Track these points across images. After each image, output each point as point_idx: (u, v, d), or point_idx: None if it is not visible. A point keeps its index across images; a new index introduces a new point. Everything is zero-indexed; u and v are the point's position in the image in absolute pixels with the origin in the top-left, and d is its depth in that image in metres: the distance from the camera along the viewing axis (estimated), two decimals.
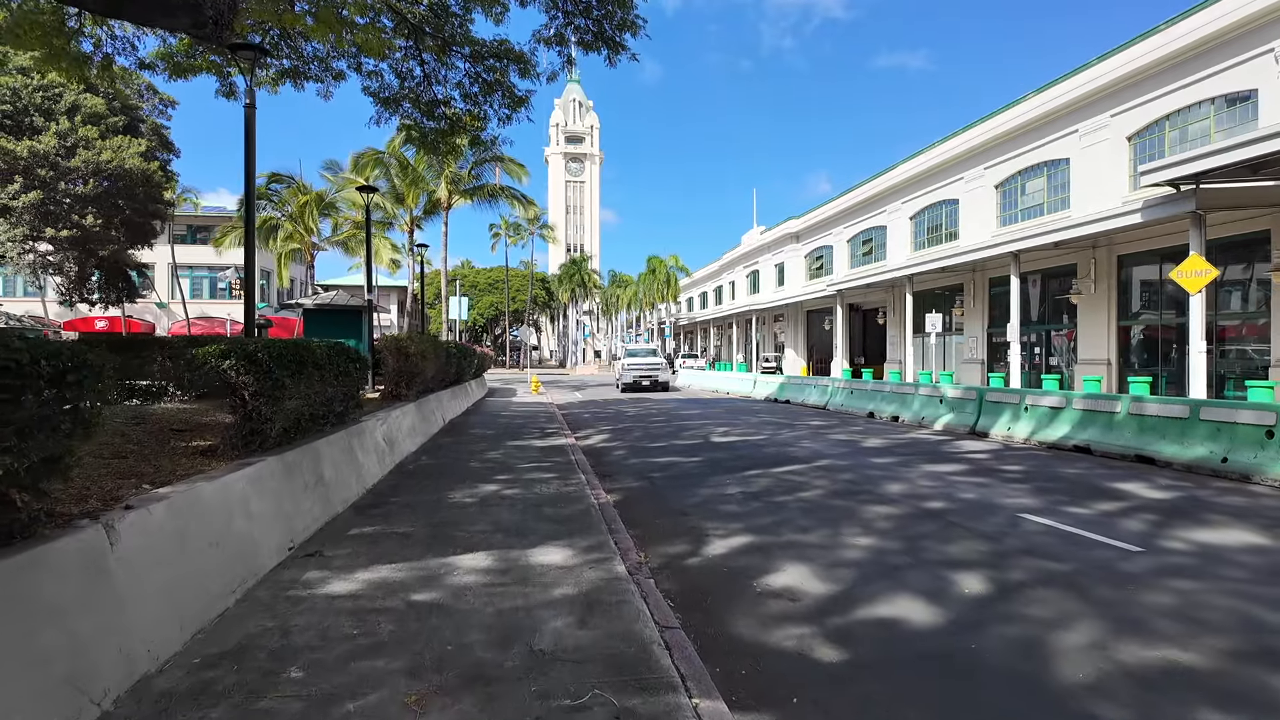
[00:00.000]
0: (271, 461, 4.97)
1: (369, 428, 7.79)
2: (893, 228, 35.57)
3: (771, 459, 9.45)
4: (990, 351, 28.80)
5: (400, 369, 11.08)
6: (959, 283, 30.06)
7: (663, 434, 12.89)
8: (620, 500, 7.09)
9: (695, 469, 8.87)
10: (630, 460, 9.76)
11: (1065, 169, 24.71)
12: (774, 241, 48.83)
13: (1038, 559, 4.79)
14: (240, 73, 14.39)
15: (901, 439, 11.60)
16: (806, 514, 6.21)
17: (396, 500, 6.61)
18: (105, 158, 23.75)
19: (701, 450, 10.53)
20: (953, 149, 30.26)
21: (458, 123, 15.86)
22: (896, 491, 7.09)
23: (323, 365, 5.93)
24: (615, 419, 16.46)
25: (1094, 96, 23.01)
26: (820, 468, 8.64)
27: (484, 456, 9.53)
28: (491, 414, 16.89)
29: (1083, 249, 23.16)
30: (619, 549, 5.04)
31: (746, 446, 10.82)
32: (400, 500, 6.61)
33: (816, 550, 5.08)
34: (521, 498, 6.78)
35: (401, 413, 9.86)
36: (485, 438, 11.76)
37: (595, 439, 12.45)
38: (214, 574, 3.79)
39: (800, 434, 12.44)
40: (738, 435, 12.34)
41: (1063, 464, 8.87)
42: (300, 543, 5.06)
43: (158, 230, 31.13)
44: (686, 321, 68.60)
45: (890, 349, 35.62)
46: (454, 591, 4.09)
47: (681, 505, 6.80)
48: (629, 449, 10.99)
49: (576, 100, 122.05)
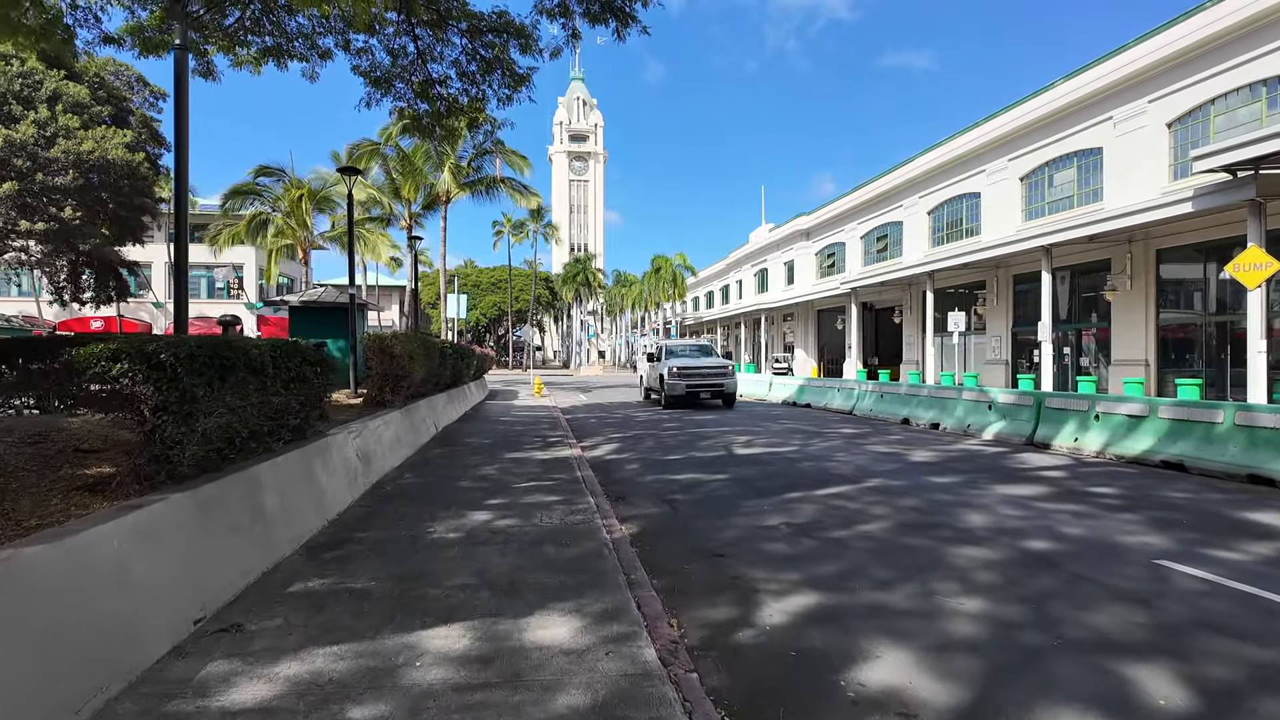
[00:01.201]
0: (177, 501, 3.69)
1: (336, 443, 6.50)
2: (909, 223, 34.21)
3: (811, 478, 8.13)
4: (1014, 351, 27.45)
5: (385, 372, 9.81)
6: (980, 280, 28.69)
7: (678, 443, 11.58)
8: (638, 533, 5.80)
9: (723, 490, 7.56)
10: (645, 477, 8.46)
11: (1098, 159, 23.34)
12: (783, 239, 47.49)
13: (1227, 638, 3.48)
14: (220, 50, 13.14)
15: (952, 451, 10.26)
16: (879, 558, 4.90)
17: (363, 537, 5.32)
18: (87, 148, 22.53)
19: (725, 465, 9.22)
20: (974, 140, 28.90)
21: (454, 104, 14.65)
22: (981, 525, 5.76)
23: (262, 370, 4.64)
24: (624, 425, 15.16)
25: (1130, 82, 21.63)
26: (873, 490, 7.32)
27: (477, 473, 8.24)
28: (490, 419, 15.61)
29: (1118, 243, 21.80)
30: (644, 616, 3.75)
31: (777, 460, 9.50)
32: (367, 537, 5.32)
33: (911, 619, 3.78)
34: (518, 532, 5.49)
35: (383, 422, 8.58)
36: (481, 449, 10.48)
37: (603, 449, 11.16)
38: (42, 685, 2.50)
39: (833, 444, 11.11)
40: (763, 445, 11.03)
41: (1161, 485, 7.51)
42: (217, 609, 3.77)
43: (148, 226, 29.88)
44: (693, 321, 67.24)
45: (906, 349, 34.26)
46: (411, 703, 2.80)
47: (715, 542, 5.49)
48: (642, 462, 9.69)
49: (580, 98, 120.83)
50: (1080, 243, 21.52)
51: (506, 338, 70.96)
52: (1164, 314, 21.01)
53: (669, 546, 5.39)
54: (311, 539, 5.25)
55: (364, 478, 7.10)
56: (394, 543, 5.17)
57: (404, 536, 5.35)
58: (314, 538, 5.29)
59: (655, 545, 5.42)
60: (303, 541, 5.13)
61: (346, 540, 5.23)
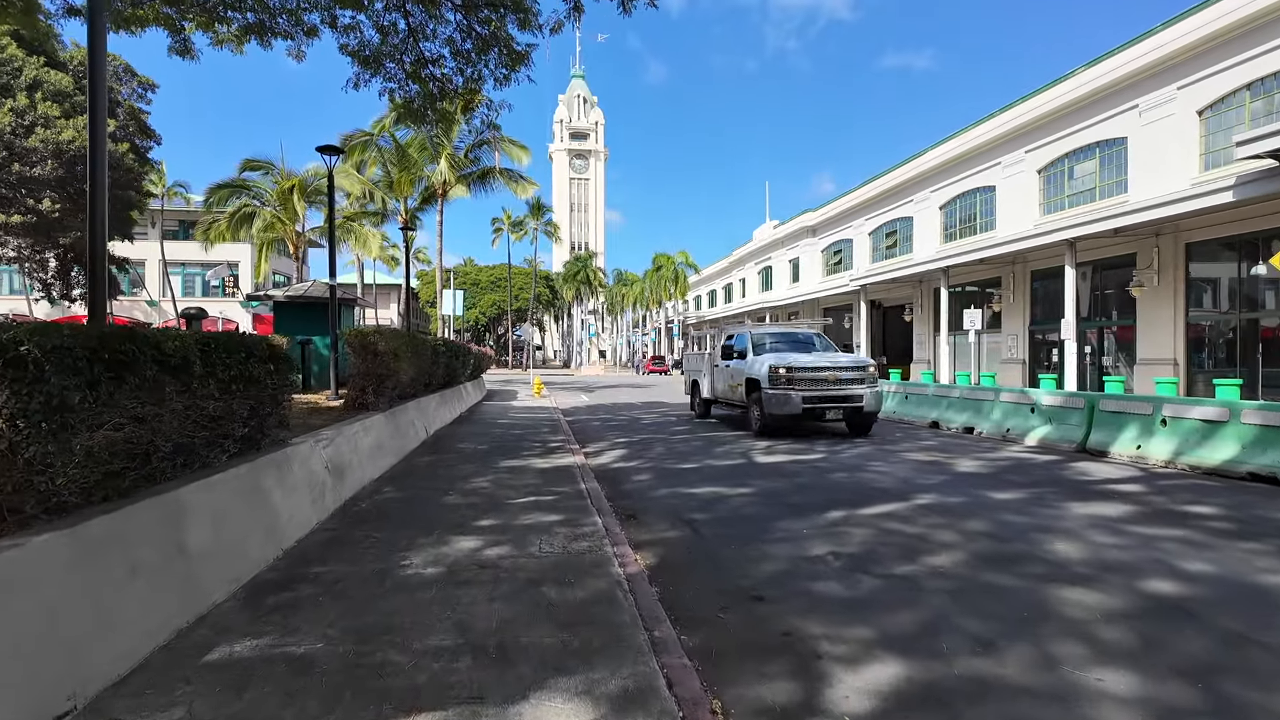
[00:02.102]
0: (41, 546, 2.69)
1: (299, 454, 5.51)
2: (920, 218, 33.22)
3: (850, 492, 7.11)
4: (1031, 350, 26.47)
5: (367, 371, 8.83)
6: (996, 276, 27.71)
7: (690, 450, 10.59)
8: (657, 566, 4.81)
9: (749, 507, 6.56)
10: (659, 490, 7.46)
11: (1122, 149, 22.34)
12: (788, 236, 46.52)
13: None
14: (198, 27, 12.18)
15: (999, 460, 9.21)
16: (964, 605, 3.89)
17: (321, 573, 4.33)
18: (67, 137, 21.53)
19: (747, 476, 8.22)
20: (989, 132, 27.91)
21: (448, 85, 13.70)
22: (1077, 558, 4.73)
23: (185, 368, 3.65)
24: (629, 428, 14.16)
25: (1158, 68, 20.64)
26: (928, 509, 6.30)
27: (467, 485, 7.25)
28: (487, 422, 14.63)
29: (1144, 237, 20.83)
30: (678, 700, 2.76)
31: (805, 470, 8.49)
32: (326, 573, 4.33)
33: (1041, 706, 2.78)
34: (510, 565, 4.50)
35: (362, 427, 7.59)
36: (474, 455, 9.49)
37: (609, 455, 10.17)
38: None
39: (863, 450, 10.09)
40: (786, 453, 10.01)
41: (1266, 503, 6.45)
42: (96, 693, 2.77)
43: (135, 221, 28.87)
44: (695, 320, 66.24)
45: (917, 348, 33.28)
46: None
47: (751, 578, 4.50)
48: (653, 471, 8.70)
49: (581, 96, 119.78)
50: (1105, 236, 20.54)
51: (506, 337, 69.96)
52: (1193, 311, 20.03)
53: (696, 585, 4.40)
54: (258, 576, 4.26)
55: (335, 493, 6.11)
56: (358, 581, 4.18)
57: (371, 572, 4.36)
58: (261, 574, 4.30)
59: (679, 583, 4.43)
60: (244, 580, 4.14)
61: (300, 578, 4.24)
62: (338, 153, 10.06)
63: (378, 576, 4.28)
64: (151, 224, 52.95)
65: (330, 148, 9.87)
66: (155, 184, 48.75)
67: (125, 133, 29.31)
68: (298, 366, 8.10)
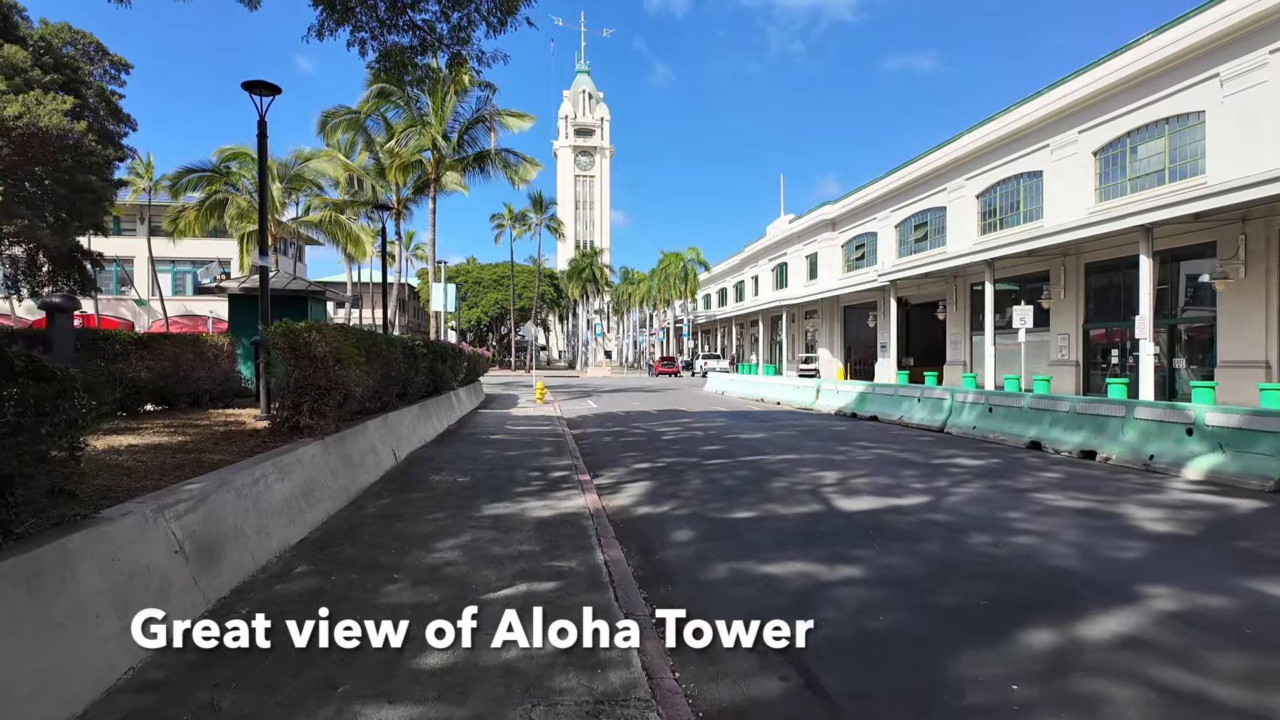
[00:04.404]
0: None
1: (89, 550, 3.10)
2: (954, 209, 30.68)
3: (1023, 580, 4.47)
4: (1085, 351, 23.93)
5: (303, 381, 6.44)
6: (1043, 269, 25.16)
7: (736, 482, 8.13)
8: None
9: (876, 611, 4.06)
10: (715, 567, 5.02)
11: (1198, 125, 19.80)
12: (805, 230, 44.01)
13: None
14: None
15: (1183, 506, 6.48)
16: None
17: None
18: (12, 112, 19.22)
19: (839, 536, 5.73)
20: (1036, 111, 25.37)
21: (430, 35, 11.39)
22: None
23: None
24: (650, 446, 11.72)
25: (1246, 29, 18.08)
26: (1187, 622, 3.78)
27: (426, 558, 4.86)
28: (478, 438, 12.24)
29: (1228, 222, 18.32)
30: None
31: (924, 530, 5.85)
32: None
33: None
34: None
35: (276, 468, 5.20)
36: (450, 495, 7.10)
37: (629, 492, 7.73)
38: None
39: (978, 492, 7.44)
40: (872, 492, 7.40)
41: None
42: None
43: (104, 211, 26.60)
44: (704, 320, 63.74)
45: (951, 349, 30.74)
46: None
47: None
48: (696, 523, 6.26)
49: (586, 91, 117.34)
50: (1179, 223, 18.06)
51: (509, 337, 67.61)
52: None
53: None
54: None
55: (195, 595, 3.71)
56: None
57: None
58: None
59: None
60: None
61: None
62: (272, 92, 7.69)
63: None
64: (140, 219, 50.87)
65: (261, 83, 7.48)
66: (142, 177, 46.64)
67: (97, 118, 27.11)
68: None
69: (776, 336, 47.81)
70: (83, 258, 28.58)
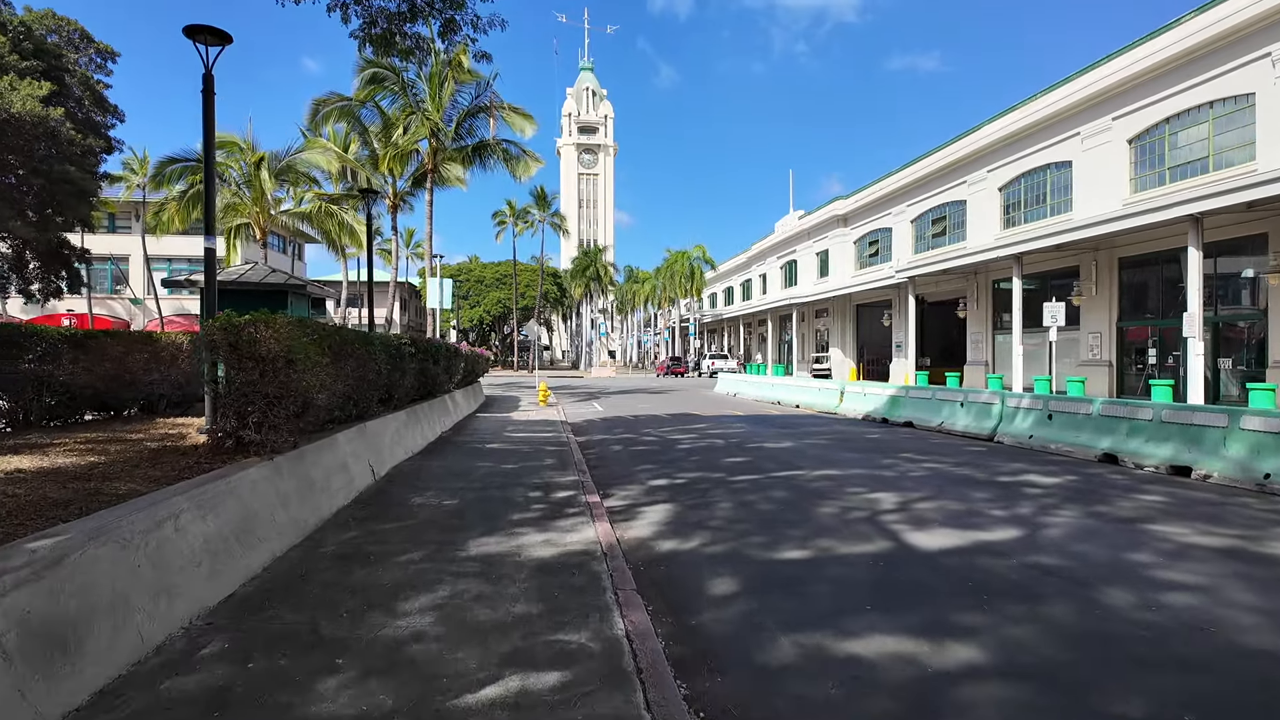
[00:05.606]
0: None
1: None
2: (974, 202, 29.33)
3: (1233, 672, 3.14)
4: (1119, 350, 22.59)
5: (248, 389, 5.22)
6: (1072, 265, 23.82)
7: (776, 507, 6.84)
8: None
9: (1019, 712, 2.85)
10: (770, 630, 3.77)
11: (1247, 109, 18.45)
12: (816, 226, 42.67)
13: None
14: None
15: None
16: None
17: None
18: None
19: (925, 588, 4.42)
20: (1064, 99, 24.00)
21: None
22: None
23: None
24: (665, 457, 10.46)
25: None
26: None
27: (386, 630, 3.63)
28: (472, 447, 11.01)
29: (1277, 214, 17.00)
30: None
31: (1042, 582, 4.33)
32: None
33: None
34: None
35: (196, 504, 3.99)
36: (430, 526, 5.86)
37: (648, 520, 6.48)
38: None
39: (1072, 521, 6.10)
40: (945, 524, 5.96)
41: None
42: None
43: (90, 205, 25.41)
44: (710, 319, 62.42)
45: (972, 348, 29.40)
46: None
47: None
48: (735, 563, 5.02)
49: (590, 89, 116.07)
50: (1235, 212, 16.73)
51: (512, 336, 66.38)
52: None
53: None
54: None
55: (18, 714, 2.46)
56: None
57: None
58: None
59: None
60: None
61: None
62: (221, 40, 6.44)
63: None
64: (135, 216, 49.77)
65: (206, 29, 6.18)
66: (136, 173, 45.54)
67: (81, 107, 25.98)
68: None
69: (786, 336, 46.47)
70: (70, 254, 27.44)
